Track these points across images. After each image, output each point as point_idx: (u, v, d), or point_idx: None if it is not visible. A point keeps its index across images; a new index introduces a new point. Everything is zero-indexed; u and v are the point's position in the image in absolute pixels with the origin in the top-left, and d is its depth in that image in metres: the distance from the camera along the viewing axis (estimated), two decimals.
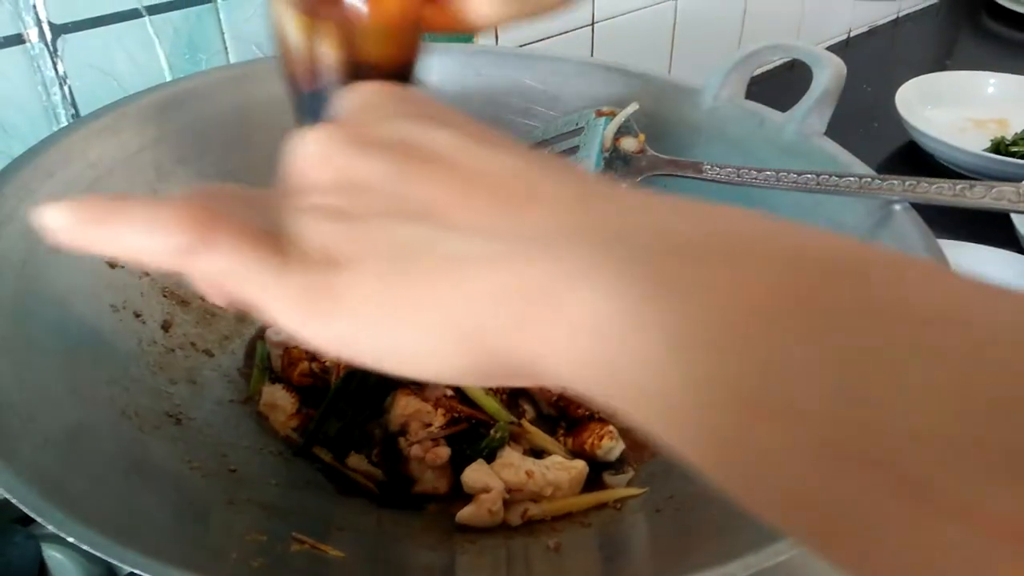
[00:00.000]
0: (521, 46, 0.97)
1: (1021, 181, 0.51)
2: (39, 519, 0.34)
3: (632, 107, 0.67)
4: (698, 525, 0.45)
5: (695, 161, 0.63)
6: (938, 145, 1.04)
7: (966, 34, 1.54)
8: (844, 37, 1.42)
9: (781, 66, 1.20)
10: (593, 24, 1.04)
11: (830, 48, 1.27)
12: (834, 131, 0.63)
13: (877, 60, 1.40)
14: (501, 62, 0.75)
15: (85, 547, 0.32)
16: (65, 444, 0.41)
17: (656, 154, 0.65)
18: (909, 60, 1.37)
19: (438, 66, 0.74)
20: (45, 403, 0.43)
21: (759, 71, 0.70)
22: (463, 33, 0.33)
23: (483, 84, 0.75)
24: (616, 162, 0.66)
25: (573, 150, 0.69)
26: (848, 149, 0.61)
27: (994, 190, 0.52)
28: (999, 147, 1.06)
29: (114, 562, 0.32)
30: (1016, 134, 1.08)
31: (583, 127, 0.70)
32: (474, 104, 0.75)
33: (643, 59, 1.12)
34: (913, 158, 1.10)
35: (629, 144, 0.66)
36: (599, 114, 0.69)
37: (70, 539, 0.32)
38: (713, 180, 0.61)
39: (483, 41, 0.93)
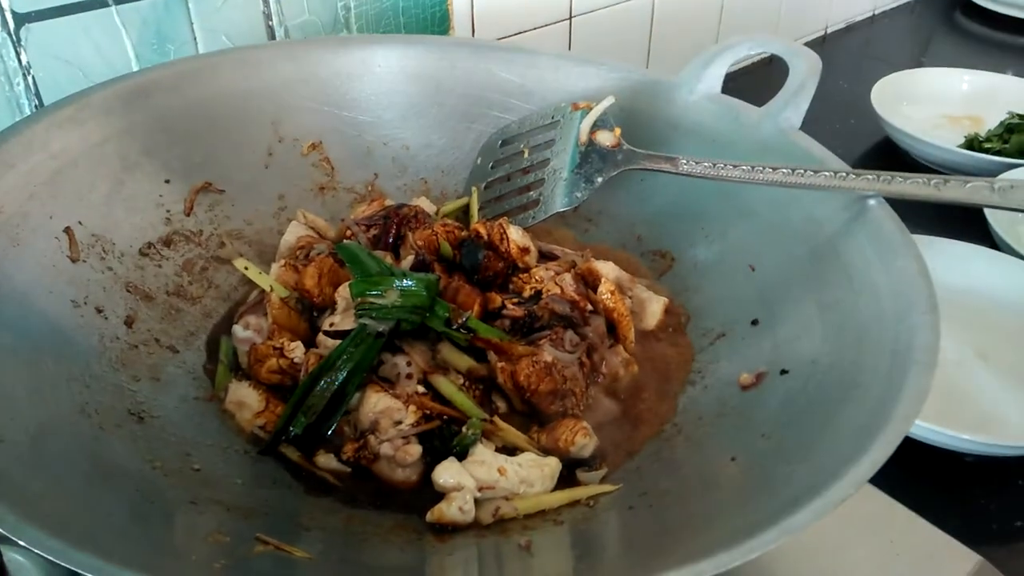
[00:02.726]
0: (498, 39, 0.96)
1: (994, 177, 0.51)
2: None
3: (608, 100, 0.66)
4: (671, 522, 0.45)
5: (671, 156, 0.62)
6: (913, 141, 1.04)
7: (941, 32, 1.55)
8: (821, 33, 1.43)
9: (758, 62, 1.20)
10: (571, 18, 1.04)
11: (807, 44, 1.27)
12: (810, 127, 0.63)
13: (853, 57, 1.40)
14: (477, 55, 0.74)
15: (37, 551, 0.31)
16: (24, 443, 0.40)
17: (632, 148, 0.65)
18: (885, 57, 1.38)
19: (413, 58, 0.73)
20: (3, 401, 0.42)
21: (736, 67, 0.70)
22: None
23: (459, 77, 0.74)
24: (592, 156, 0.66)
25: (549, 144, 0.69)
26: (824, 145, 0.61)
27: (968, 185, 0.52)
28: (973, 143, 1.06)
29: (69, 566, 0.31)
30: (989, 130, 1.09)
31: (559, 121, 0.69)
32: (450, 98, 0.74)
33: (621, 54, 1.11)
34: (888, 154, 1.11)
35: (605, 138, 0.66)
36: (575, 108, 0.69)
37: (22, 543, 0.31)
38: (688, 175, 0.60)
39: (460, 33, 0.91)
